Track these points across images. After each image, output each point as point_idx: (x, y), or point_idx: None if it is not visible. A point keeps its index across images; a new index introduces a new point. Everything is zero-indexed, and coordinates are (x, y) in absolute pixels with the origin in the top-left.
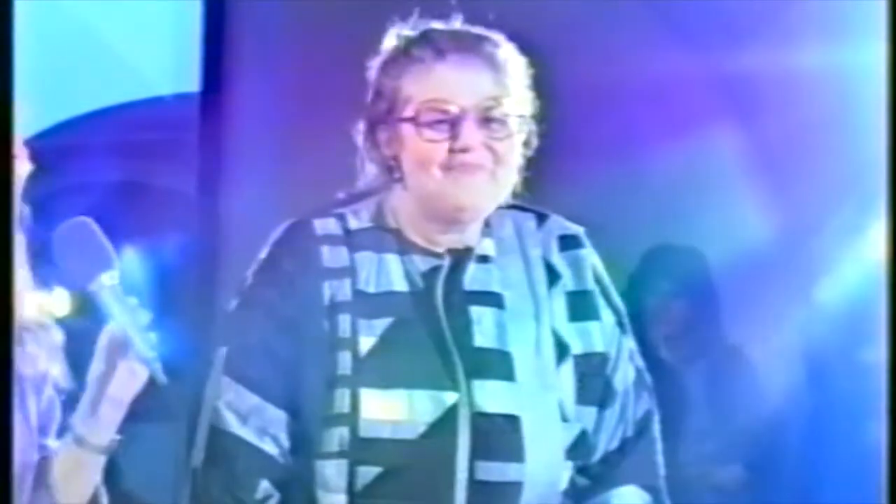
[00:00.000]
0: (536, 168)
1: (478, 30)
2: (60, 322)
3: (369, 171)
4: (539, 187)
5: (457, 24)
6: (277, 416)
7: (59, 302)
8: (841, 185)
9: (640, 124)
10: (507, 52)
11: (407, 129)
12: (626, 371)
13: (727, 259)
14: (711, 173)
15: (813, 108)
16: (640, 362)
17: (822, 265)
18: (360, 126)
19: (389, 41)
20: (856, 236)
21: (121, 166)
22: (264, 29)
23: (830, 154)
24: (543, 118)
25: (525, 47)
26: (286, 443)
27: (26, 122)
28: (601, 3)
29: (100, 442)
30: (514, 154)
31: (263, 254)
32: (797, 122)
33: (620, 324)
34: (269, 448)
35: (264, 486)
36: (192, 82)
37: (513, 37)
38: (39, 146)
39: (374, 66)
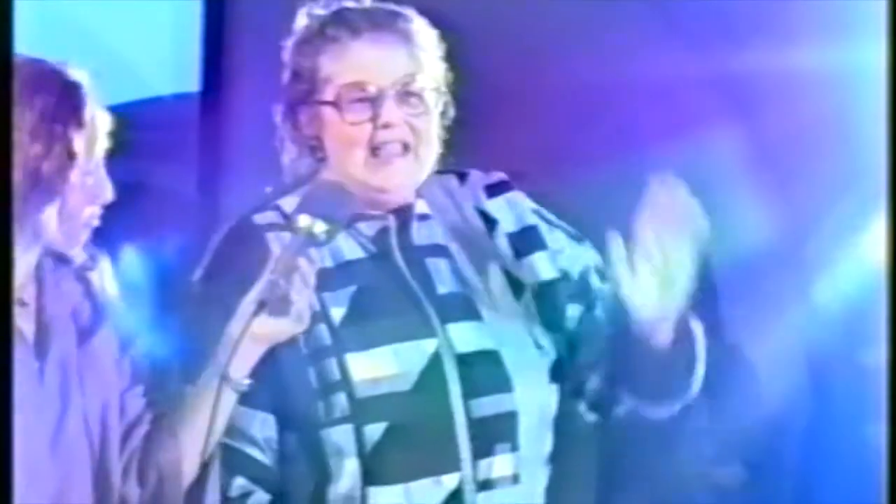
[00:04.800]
0: (536, 167)
1: (390, 6)
2: None
3: (290, 151)
4: (539, 187)
5: (367, 1)
6: (248, 414)
7: None
8: (841, 185)
9: (639, 124)
10: (419, 27)
11: (328, 112)
12: (587, 280)
13: (727, 259)
14: (711, 173)
15: (813, 108)
16: (599, 264)
17: (821, 265)
18: (279, 107)
19: (301, 20)
20: (855, 236)
21: (121, 166)
22: (264, 29)
23: (830, 154)
24: (458, 87)
25: (524, 47)
26: (266, 437)
27: None
28: (601, 3)
29: (239, 377)
30: (434, 129)
31: (208, 259)
32: (797, 122)
33: (573, 237)
34: (243, 446)
35: (239, 483)
36: (192, 82)
37: (511, 36)
38: None
39: (287, 46)
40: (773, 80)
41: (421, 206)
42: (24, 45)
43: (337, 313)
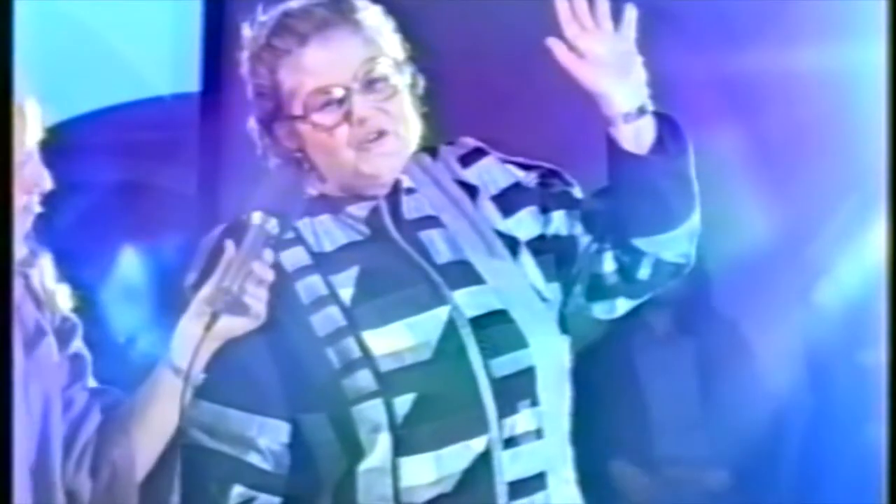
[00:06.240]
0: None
1: None
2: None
3: (274, 162)
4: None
5: None
6: (245, 418)
7: None
8: (841, 185)
9: None
10: (363, 7)
11: (302, 126)
12: (571, 223)
13: (727, 260)
14: (711, 173)
15: (813, 108)
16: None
17: (822, 266)
18: (252, 125)
19: (246, 32)
20: (856, 237)
21: (121, 166)
22: None
23: (830, 154)
24: (420, 56)
25: (522, 45)
26: (267, 440)
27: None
28: None
29: (194, 372)
30: (408, 106)
31: (202, 261)
32: (797, 122)
33: (551, 173)
34: (240, 453)
35: (238, 491)
36: (191, 82)
37: (507, 35)
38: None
39: (242, 61)
40: (774, 80)
41: (406, 181)
42: (25, 45)
43: (346, 294)
